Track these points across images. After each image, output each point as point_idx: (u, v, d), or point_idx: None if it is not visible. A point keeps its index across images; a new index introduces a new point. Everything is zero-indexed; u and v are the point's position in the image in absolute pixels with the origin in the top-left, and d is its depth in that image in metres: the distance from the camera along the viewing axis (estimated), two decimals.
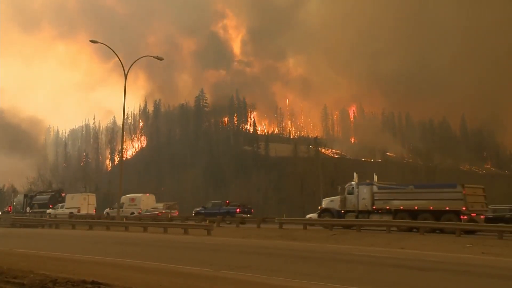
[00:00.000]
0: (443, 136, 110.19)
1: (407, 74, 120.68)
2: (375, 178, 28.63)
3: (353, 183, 27.97)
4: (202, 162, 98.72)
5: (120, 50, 34.84)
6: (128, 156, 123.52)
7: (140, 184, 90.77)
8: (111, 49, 32.53)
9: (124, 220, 33.02)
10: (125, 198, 42.52)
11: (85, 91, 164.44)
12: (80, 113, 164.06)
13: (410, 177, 66.55)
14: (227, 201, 38.03)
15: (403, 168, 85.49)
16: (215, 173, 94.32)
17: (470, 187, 24.82)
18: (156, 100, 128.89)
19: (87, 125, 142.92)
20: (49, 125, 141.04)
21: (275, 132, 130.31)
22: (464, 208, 23.63)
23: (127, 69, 31.87)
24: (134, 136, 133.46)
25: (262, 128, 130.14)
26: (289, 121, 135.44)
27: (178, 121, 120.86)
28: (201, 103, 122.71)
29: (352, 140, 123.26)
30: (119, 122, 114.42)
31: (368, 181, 27.99)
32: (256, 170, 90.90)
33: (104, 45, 32.63)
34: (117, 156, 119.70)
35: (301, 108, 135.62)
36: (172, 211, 39.53)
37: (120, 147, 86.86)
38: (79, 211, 41.08)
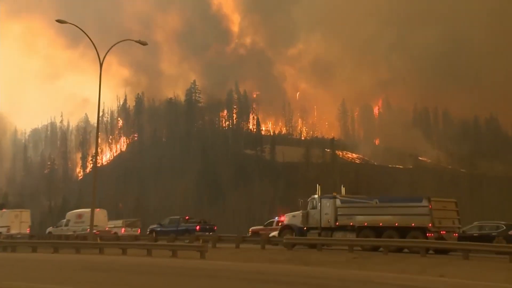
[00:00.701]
0: (491, 137, 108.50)
1: (445, 59, 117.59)
2: (343, 190, 30.55)
3: (315, 196, 29.16)
4: (194, 169, 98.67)
5: (91, 32, 34.40)
6: (104, 161, 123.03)
7: (118, 196, 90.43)
8: (83, 32, 32.42)
9: (99, 241, 33.10)
10: (71, 214, 43.43)
11: (50, 83, 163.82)
12: (44, 109, 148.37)
13: (450, 188, 66.25)
14: (187, 217, 39.31)
15: (441, 177, 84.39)
16: (211, 182, 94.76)
17: (438, 201, 26.22)
18: (138, 93, 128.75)
19: (52, 124, 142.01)
20: (5, 124, 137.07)
21: (283, 133, 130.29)
22: (430, 225, 24.96)
23: (103, 56, 31.72)
24: (112, 137, 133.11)
25: (267, 127, 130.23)
26: (299, 119, 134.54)
27: (165, 118, 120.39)
28: (193, 98, 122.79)
29: (377, 142, 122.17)
30: (93, 121, 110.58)
31: (335, 193, 29.22)
32: (260, 178, 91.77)
33: (73, 26, 32.35)
34: (91, 162, 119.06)
35: (315, 103, 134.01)
36: (134, 229, 41.22)
37: (94, 151, 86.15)
38: (8, 230, 41.80)
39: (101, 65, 31.67)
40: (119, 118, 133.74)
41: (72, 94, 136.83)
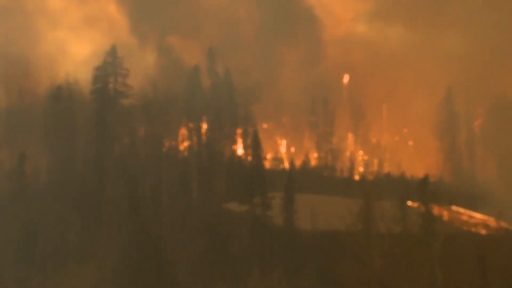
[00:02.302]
0: None
1: None
2: None
3: None
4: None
5: None
6: None
7: None
8: None
9: None
10: None
11: None
12: None
13: None
14: None
15: None
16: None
17: None
18: None
19: None
20: None
21: (310, 165, 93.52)
22: None
23: None
24: None
25: (275, 151, 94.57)
26: (348, 133, 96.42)
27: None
28: (112, 87, 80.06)
29: None
30: None
31: None
32: (261, 268, 64.88)
33: None
34: None
35: (382, 106, 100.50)
36: None
37: None
38: None
39: None
40: None
41: None
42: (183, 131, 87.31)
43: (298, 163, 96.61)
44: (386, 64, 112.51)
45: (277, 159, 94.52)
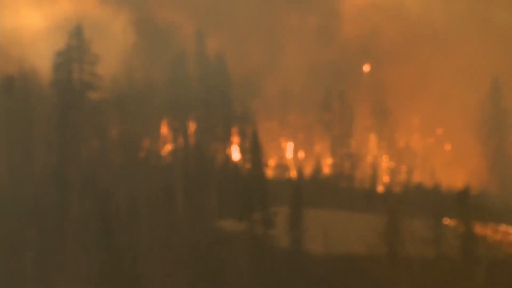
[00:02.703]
0: None
1: None
2: None
3: None
4: None
5: None
6: None
7: None
8: None
9: None
10: None
11: None
12: None
13: None
14: None
15: None
16: None
17: None
18: None
19: None
20: None
21: (324, 174, 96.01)
22: None
23: None
24: None
25: (282, 157, 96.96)
26: (371, 134, 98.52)
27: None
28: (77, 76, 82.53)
29: None
30: None
31: None
32: None
33: None
34: None
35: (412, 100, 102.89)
36: None
37: None
38: None
39: None
40: None
41: None
42: (165, 132, 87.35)
43: (307, 171, 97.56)
44: (418, 45, 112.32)
45: (282, 166, 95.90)
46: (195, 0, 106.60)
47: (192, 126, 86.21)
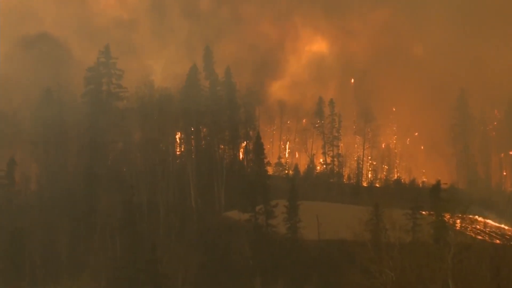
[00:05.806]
0: None
1: None
2: None
3: None
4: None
5: None
6: None
7: None
8: None
9: None
10: None
11: None
12: None
13: None
14: None
15: None
16: None
17: None
18: None
19: None
20: None
21: (317, 170, 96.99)
22: None
23: None
24: None
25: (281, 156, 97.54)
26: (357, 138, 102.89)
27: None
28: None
29: None
30: None
31: None
32: (263, 277, 65.76)
33: None
34: None
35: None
36: None
37: None
38: None
39: None
40: None
41: None
42: (180, 135, 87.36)
43: (302, 169, 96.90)
44: (398, 65, 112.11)
45: (281, 165, 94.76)
46: None
47: (203, 130, 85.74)
